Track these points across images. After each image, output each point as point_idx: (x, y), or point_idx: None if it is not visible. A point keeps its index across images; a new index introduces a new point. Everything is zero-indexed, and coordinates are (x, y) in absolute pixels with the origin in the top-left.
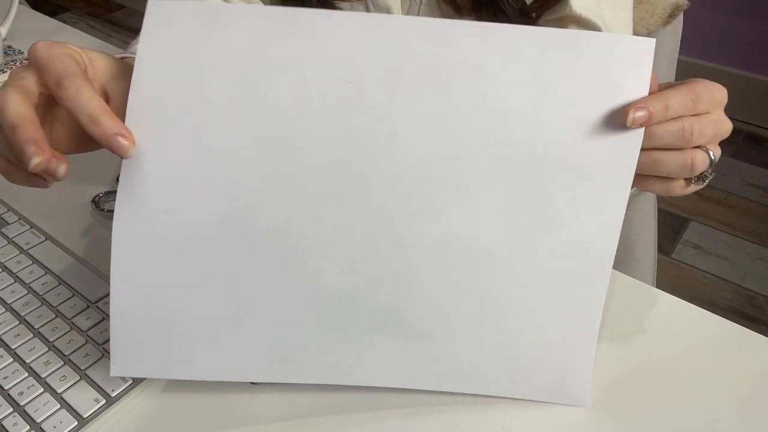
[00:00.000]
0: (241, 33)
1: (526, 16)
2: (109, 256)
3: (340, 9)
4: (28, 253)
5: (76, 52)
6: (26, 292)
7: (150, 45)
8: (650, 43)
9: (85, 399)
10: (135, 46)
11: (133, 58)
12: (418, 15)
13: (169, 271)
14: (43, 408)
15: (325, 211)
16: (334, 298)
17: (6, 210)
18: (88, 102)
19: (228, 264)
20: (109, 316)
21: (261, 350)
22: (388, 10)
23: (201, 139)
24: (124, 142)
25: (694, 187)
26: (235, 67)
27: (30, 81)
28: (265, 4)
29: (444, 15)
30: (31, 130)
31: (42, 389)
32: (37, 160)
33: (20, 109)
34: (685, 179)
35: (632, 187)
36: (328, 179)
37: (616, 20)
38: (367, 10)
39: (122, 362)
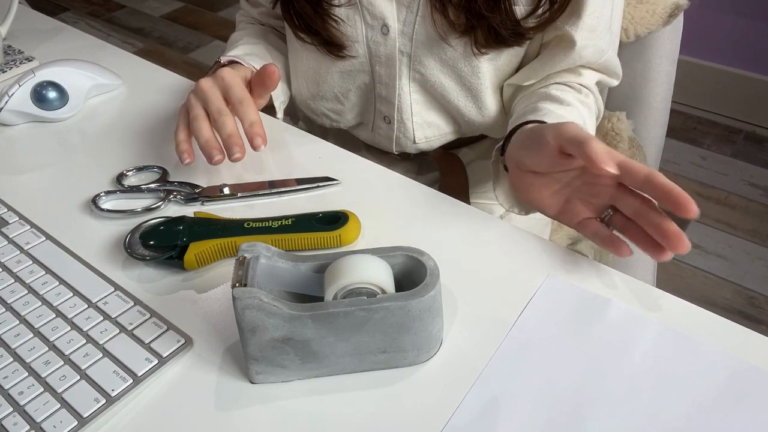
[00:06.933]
0: None
1: (521, 36)
2: (108, 255)
3: (334, 14)
4: (28, 253)
5: (243, 79)
6: (26, 292)
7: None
8: None
9: (85, 399)
10: (230, 51)
11: (235, 60)
12: (414, 28)
13: None
14: (43, 408)
15: None
16: None
17: (6, 210)
18: (252, 114)
19: None
20: (109, 316)
21: None
22: (383, 21)
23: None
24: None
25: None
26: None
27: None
28: (266, 7)
29: (438, 30)
30: (251, 111)
31: (42, 389)
32: (237, 155)
33: (243, 91)
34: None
35: None
36: None
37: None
38: (363, 18)
39: None
